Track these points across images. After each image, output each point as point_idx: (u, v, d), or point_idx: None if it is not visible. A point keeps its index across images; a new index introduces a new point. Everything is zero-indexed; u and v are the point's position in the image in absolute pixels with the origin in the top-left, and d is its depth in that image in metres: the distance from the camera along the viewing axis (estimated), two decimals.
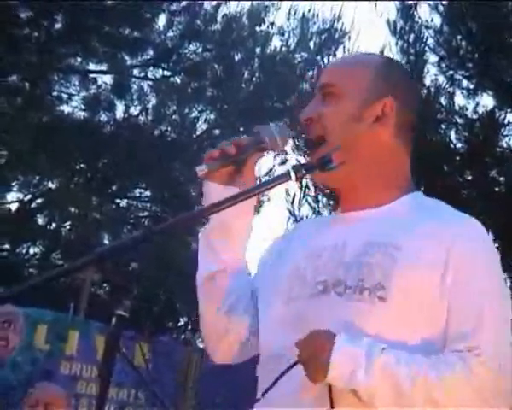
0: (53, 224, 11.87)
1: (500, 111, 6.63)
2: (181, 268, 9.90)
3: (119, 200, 12.57)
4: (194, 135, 12.10)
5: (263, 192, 1.75)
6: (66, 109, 11.86)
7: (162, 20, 11.96)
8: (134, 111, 12.22)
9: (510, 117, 6.62)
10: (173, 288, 10.92)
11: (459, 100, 6.91)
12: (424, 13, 7.14)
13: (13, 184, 11.61)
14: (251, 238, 1.77)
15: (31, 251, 11.98)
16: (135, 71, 12.21)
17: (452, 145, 6.70)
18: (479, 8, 6.42)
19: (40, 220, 12.00)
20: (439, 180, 5.92)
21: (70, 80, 11.77)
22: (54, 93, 11.78)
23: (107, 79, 11.98)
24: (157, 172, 11.05)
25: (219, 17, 12.01)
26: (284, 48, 11.93)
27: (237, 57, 11.96)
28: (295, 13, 11.88)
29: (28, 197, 11.81)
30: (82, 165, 11.93)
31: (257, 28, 12.05)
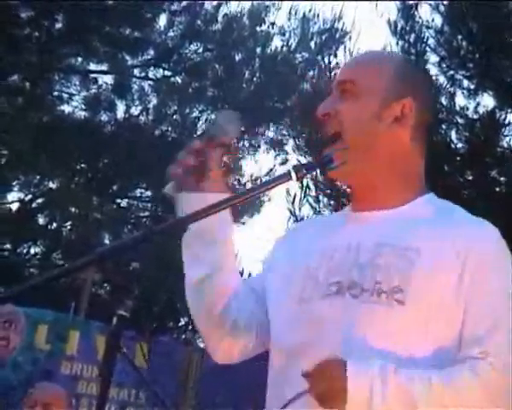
0: (54, 224, 11.87)
1: (501, 111, 6.63)
2: (181, 268, 9.84)
3: (120, 200, 12.57)
4: (194, 135, 12.09)
5: (263, 192, 1.75)
6: (66, 109, 11.89)
7: (163, 20, 11.99)
8: (135, 111, 12.23)
9: (511, 117, 6.63)
10: (173, 288, 10.91)
11: (460, 100, 6.92)
12: (425, 13, 7.15)
13: (13, 184, 11.61)
14: (243, 243, 1.73)
15: (31, 251, 11.98)
16: (135, 71, 12.21)
17: (453, 145, 6.70)
18: (479, 8, 6.41)
19: (41, 220, 12.00)
20: (440, 180, 5.90)
21: (71, 80, 11.78)
22: (54, 93, 11.78)
23: (107, 79, 12.00)
24: (158, 172, 11.01)
25: (220, 17, 12.02)
26: (285, 48, 11.93)
27: (238, 57, 11.96)
28: (296, 13, 11.90)
29: (29, 197, 11.81)
30: (82, 165, 11.93)
31: (257, 28, 12.05)
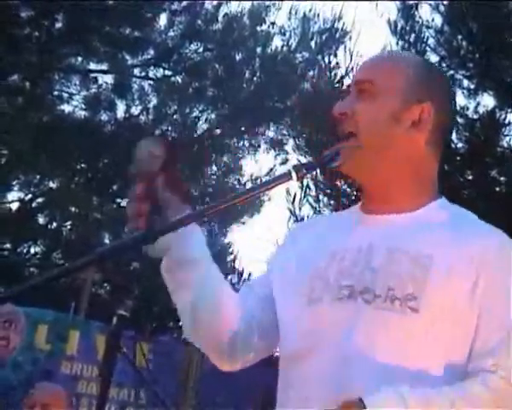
0: (54, 223, 11.87)
1: (501, 111, 6.63)
2: None
3: (120, 200, 12.56)
4: (194, 135, 12.09)
5: (264, 192, 1.74)
6: (66, 109, 11.88)
7: (163, 20, 11.99)
8: (135, 111, 12.23)
9: (511, 117, 6.63)
10: None
11: (460, 100, 6.92)
12: (425, 13, 7.15)
13: (13, 184, 11.61)
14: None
15: (31, 251, 11.97)
16: (135, 70, 12.21)
17: (453, 145, 6.70)
18: (479, 8, 6.41)
19: (41, 220, 12.00)
20: (440, 180, 5.91)
21: (71, 80, 11.78)
22: (54, 93, 11.78)
23: (107, 79, 11.99)
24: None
25: (220, 17, 12.01)
26: (285, 47, 11.93)
27: (238, 57, 11.96)
28: (296, 12, 11.89)
29: (29, 197, 11.81)
30: (82, 164, 11.93)
31: (258, 28, 12.05)
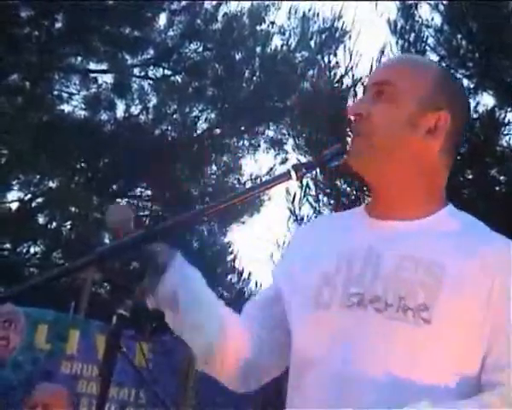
0: (53, 223, 11.86)
1: (500, 110, 6.63)
2: None
3: (120, 199, 12.56)
4: (194, 134, 12.09)
5: (263, 191, 1.74)
6: (66, 108, 11.89)
7: (163, 20, 12.00)
8: (134, 110, 12.24)
9: (510, 116, 6.63)
10: None
11: None
12: (424, 12, 7.15)
13: (13, 184, 11.60)
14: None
15: (31, 250, 11.96)
16: (135, 70, 12.21)
17: None
18: (479, 7, 6.41)
19: (41, 220, 11.99)
20: None
21: (70, 79, 11.78)
22: (54, 92, 11.78)
23: (107, 79, 12.00)
24: (157, 171, 11.04)
25: (220, 16, 12.02)
26: (285, 47, 11.93)
27: (238, 56, 11.96)
28: (296, 12, 11.90)
29: (29, 197, 11.80)
30: (82, 164, 11.93)
31: (257, 27, 12.05)
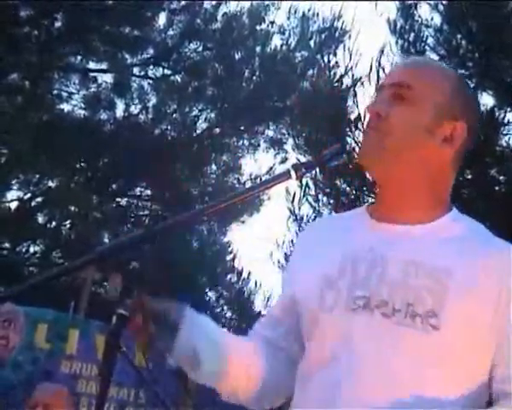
0: (53, 222, 11.85)
1: (500, 110, 6.62)
2: (181, 268, 9.91)
3: (120, 199, 12.56)
4: (194, 134, 12.09)
5: (263, 191, 1.74)
6: (66, 108, 11.89)
7: (162, 19, 12.00)
8: (134, 110, 12.24)
9: (510, 116, 6.62)
10: (173, 287, 10.92)
11: None
12: (424, 12, 7.14)
13: (13, 183, 11.60)
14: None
15: (31, 250, 11.96)
16: (135, 70, 12.21)
17: None
18: (479, 7, 6.41)
19: (40, 219, 11.99)
20: None
21: (70, 79, 11.78)
22: (54, 92, 11.78)
23: (107, 78, 12.01)
24: (157, 170, 11.05)
25: (219, 16, 12.02)
26: (284, 47, 11.94)
27: (237, 56, 11.96)
28: (295, 12, 11.91)
29: (28, 196, 11.80)
30: (82, 163, 11.93)
31: (257, 27, 12.05)
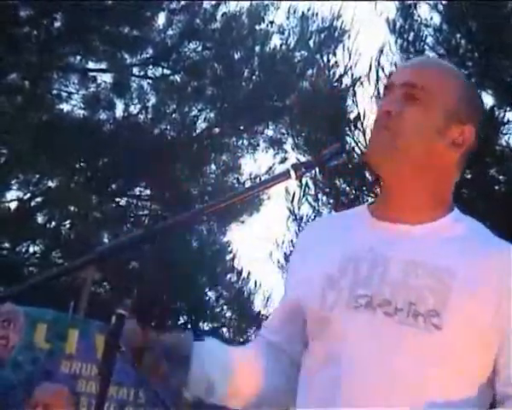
0: (53, 222, 11.86)
1: (500, 110, 6.63)
2: (181, 268, 9.90)
3: (119, 198, 12.57)
4: (193, 134, 12.09)
5: (263, 191, 1.74)
6: (65, 108, 11.90)
7: (162, 19, 12.01)
8: (134, 110, 12.25)
9: (510, 116, 6.63)
10: (173, 287, 10.92)
11: None
12: (424, 12, 7.15)
13: (12, 183, 11.60)
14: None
15: (30, 250, 11.97)
16: (134, 69, 12.22)
17: None
18: (478, 7, 6.42)
19: (40, 219, 12.00)
20: None
21: (69, 79, 11.79)
22: (53, 92, 11.78)
23: (106, 78, 12.01)
24: (157, 170, 11.05)
25: (219, 16, 12.02)
26: (284, 46, 11.94)
27: (237, 56, 11.96)
28: (295, 11, 11.92)
29: (28, 196, 11.80)
30: (82, 163, 11.93)
31: (256, 27, 12.06)
